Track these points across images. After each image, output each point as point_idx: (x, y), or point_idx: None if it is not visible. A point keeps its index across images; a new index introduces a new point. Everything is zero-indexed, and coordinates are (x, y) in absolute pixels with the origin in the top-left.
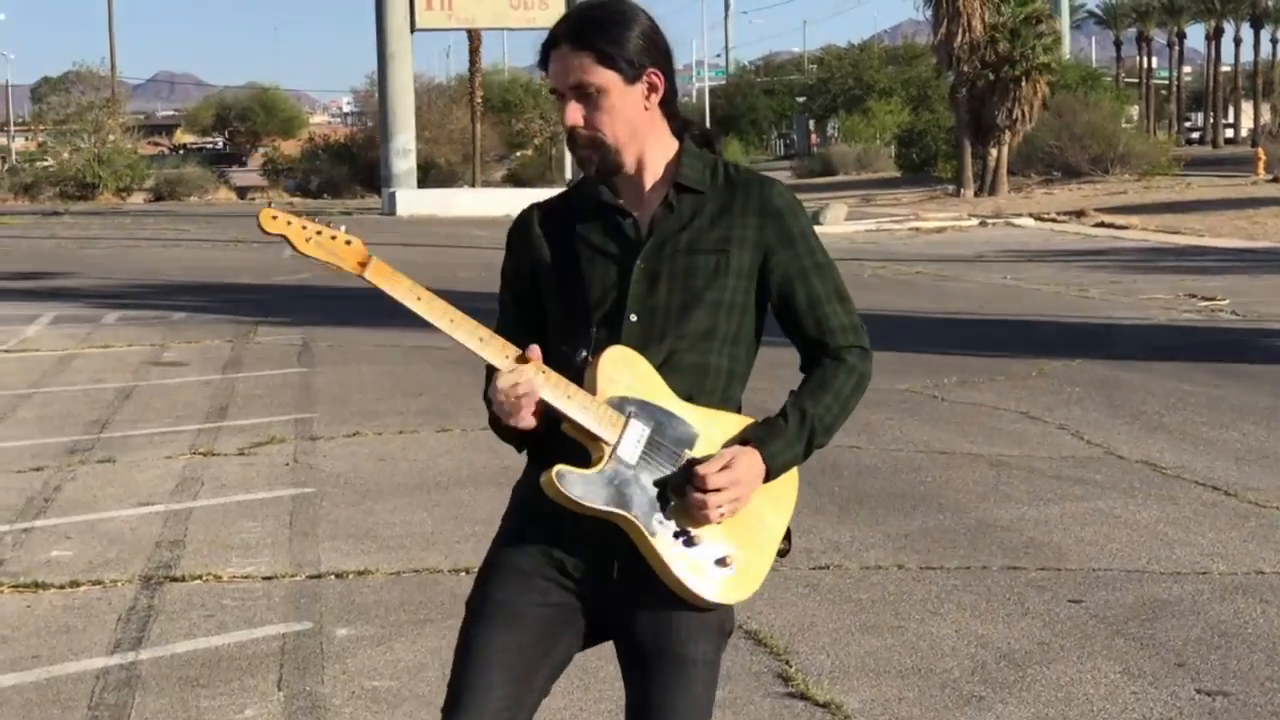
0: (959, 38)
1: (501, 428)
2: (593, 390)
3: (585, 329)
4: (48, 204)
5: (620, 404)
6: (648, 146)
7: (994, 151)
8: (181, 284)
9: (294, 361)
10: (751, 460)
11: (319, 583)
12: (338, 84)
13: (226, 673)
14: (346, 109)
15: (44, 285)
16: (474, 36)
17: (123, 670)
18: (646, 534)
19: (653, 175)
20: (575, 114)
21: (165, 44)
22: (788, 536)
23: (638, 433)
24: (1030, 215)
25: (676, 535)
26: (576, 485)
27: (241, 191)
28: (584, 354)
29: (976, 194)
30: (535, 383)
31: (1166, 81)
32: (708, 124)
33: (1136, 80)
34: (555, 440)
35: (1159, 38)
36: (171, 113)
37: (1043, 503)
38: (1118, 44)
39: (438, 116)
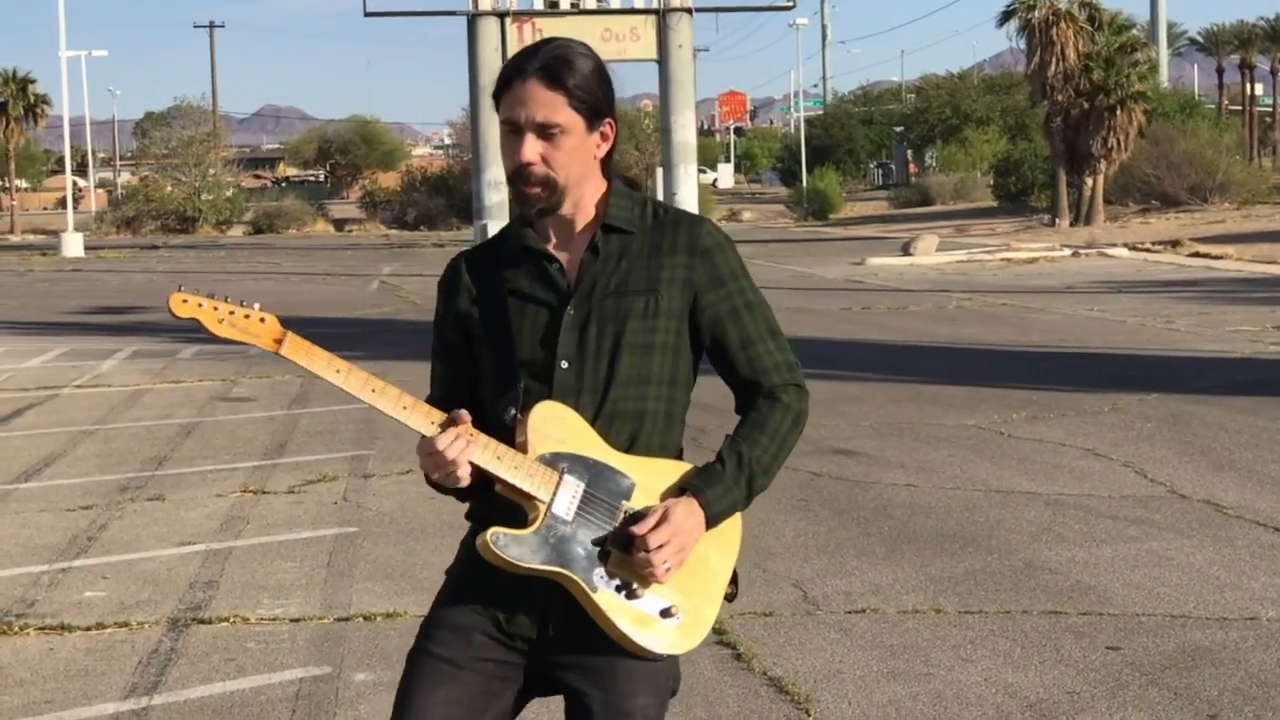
0: (1053, 66)
1: (440, 489)
2: (524, 448)
3: (513, 382)
4: (148, 237)
5: (553, 460)
6: (584, 191)
7: (1089, 181)
8: None
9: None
10: (690, 510)
11: (346, 625)
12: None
13: (237, 719)
14: (448, 141)
15: (128, 320)
16: None
17: (133, 716)
18: (588, 590)
19: (584, 216)
20: (533, 150)
21: (271, 78)
22: (734, 580)
23: (572, 489)
24: (1125, 245)
25: (619, 589)
26: (511, 547)
27: (339, 224)
28: (513, 412)
29: (1072, 224)
30: (459, 449)
31: (1271, 109)
32: (803, 154)
33: (1240, 108)
34: (494, 495)
35: (1262, 64)
36: (276, 146)
37: (1095, 544)
38: (1220, 71)
39: None
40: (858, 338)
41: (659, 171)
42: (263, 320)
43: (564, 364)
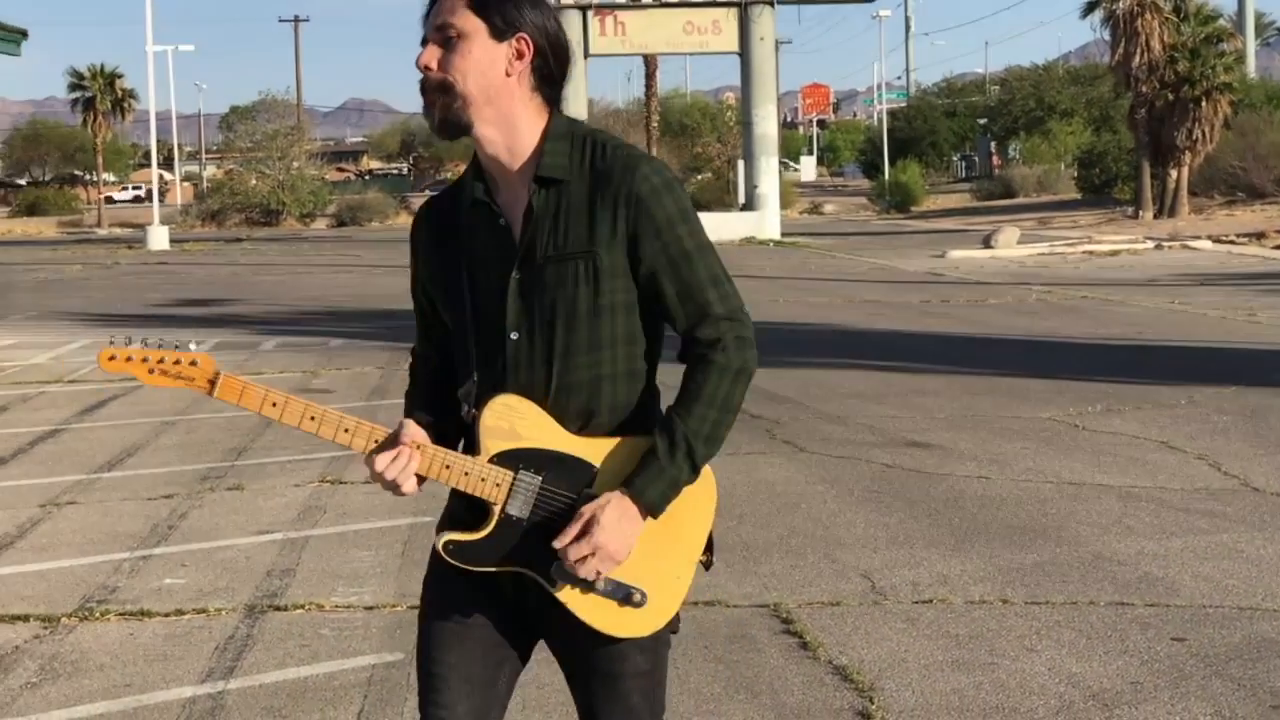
0: (1137, 58)
1: None
2: (476, 448)
3: (468, 371)
4: (232, 230)
5: (508, 457)
6: (516, 130)
7: (1173, 173)
8: (345, 310)
9: None
10: (620, 509)
11: (418, 613)
12: None
13: (310, 703)
14: None
15: (212, 312)
16: (650, 61)
17: (209, 700)
18: (548, 586)
19: (520, 161)
20: (431, 55)
21: (356, 72)
22: (709, 548)
23: (527, 486)
24: (1208, 237)
25: (575, 583)
26: (466, 552)
27: None
28: (467, 408)
29: (1156, 216)
30: (398, 469)
31: None
32: (885, 146)
33: None
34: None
35: None
36: (360, 139)
37: (1165, 536)
38: None
39: None
40: (936, 330)
41: (740, 164)
42: (194, 363)
43: (514, 335)
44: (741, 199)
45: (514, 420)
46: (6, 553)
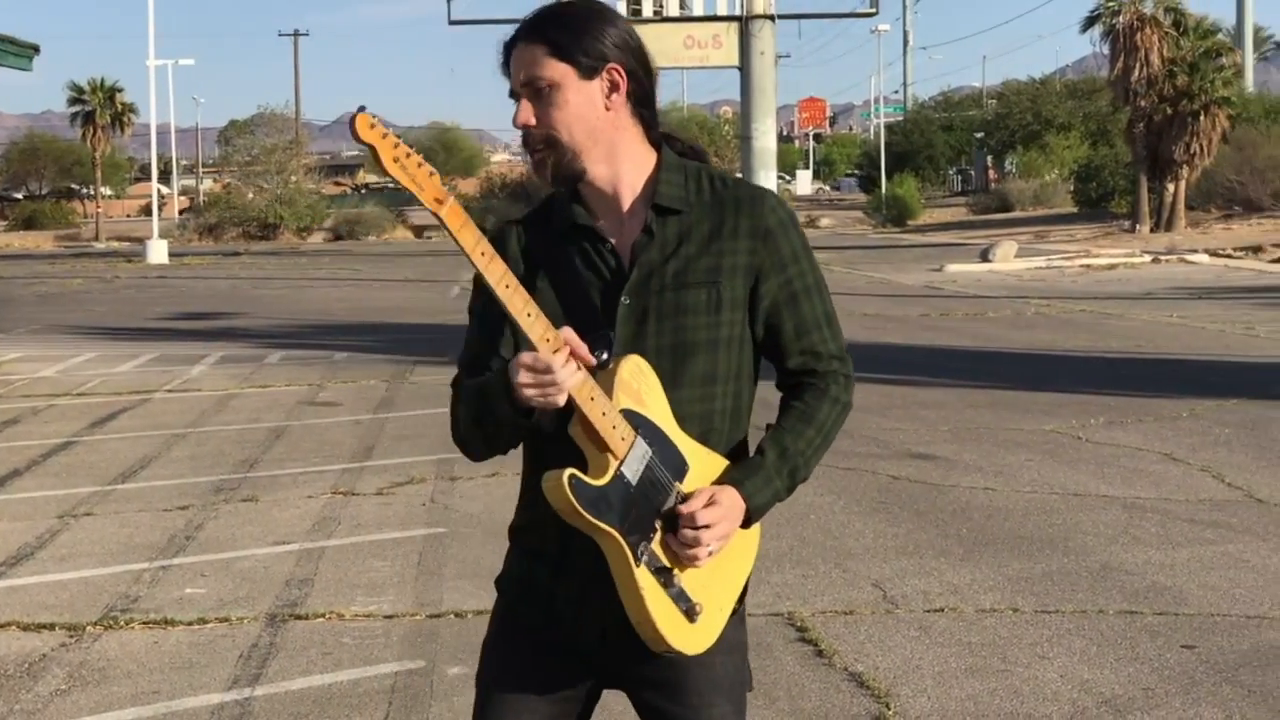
0: (1136, 71)
1: (487, 426)
2: (608, 393)
3: (596, 325)
4: (230, 244)
5: (632, 417)
6: (621, 159)
7: (1171, 186)
8: (346, 324)
9: (445, 402)
10: (733, 497)
11: (438, 622)
12: None
13: (336, 710)
14: None
15: (214, 325)
16: None
17: (237, 706)
18: (630, 561)
19: (630, 193)
20: (526, 112)
21: (352, 85)
22: (743, 596)
23: (642, 452)
24: (1206, 251)
25: (657, 571)
26: (584, 494)
27: (419, 230)
28: (604, 355)
29: (1153, 230)
30: (570, 373)
31: None
32: (883, 160)
33: None
34: (548, 447)
35: None
36: (356, 153)
37: (1172, 546)
38: None
39: None
40: (936, 344)
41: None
42: (431, 174)
43: None
44: None
45: (642, 383)
46: (27, 563)
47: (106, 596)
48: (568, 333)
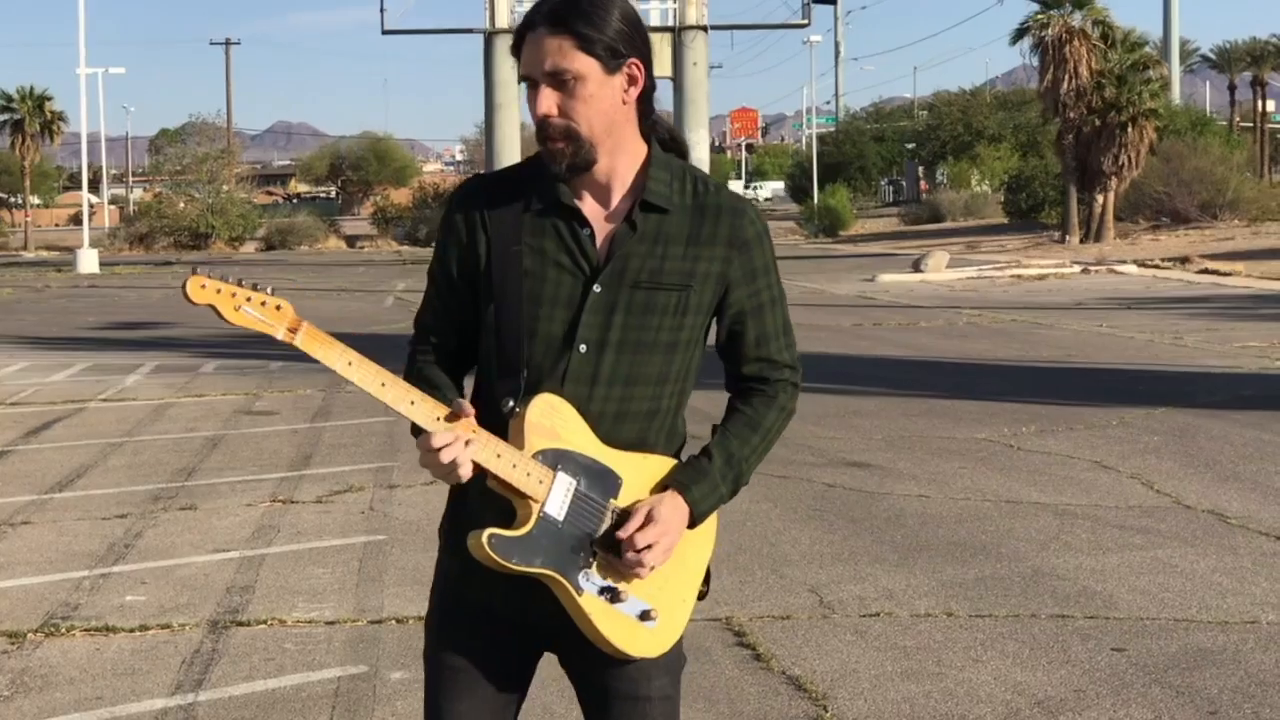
0: (1065, 84)
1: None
2: (520, 443)
3: (516, 369)
4: (162, 254)
5: (548, 457)
6: (620, 151)
7: (1100, 198)
8: None
9: (382, 411)
10: (675, 506)
11: (380, 628)
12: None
13: (279, 715)
14: (459, 157)
15: (148, 335)
16: None
17: (180, 712)
18: (573, 593)
19: (620, 184)
20: (549, 102)
21: (284, 94)
22: (707, 579)
23: (564, 487)
24: (1134, 262)
25: (602, 592)
26: (504, 547)
27: (351, 240)
28: (511, 404)
29: (1082, 240)
30: (458, 450)
31: None
32: (815, 171)
33: (1251, 125)
34: (482, 489)
35: (1275, 81)
36: (288, 162)
37: (1102, 552)
38: (1231, 88)
39: None
40: (870, 353)
41: None
42: (279, 308)
43: (582, 348)
44: None
45: (555, 420)
46: None
47: (47, 604)
48: (461, 404)
